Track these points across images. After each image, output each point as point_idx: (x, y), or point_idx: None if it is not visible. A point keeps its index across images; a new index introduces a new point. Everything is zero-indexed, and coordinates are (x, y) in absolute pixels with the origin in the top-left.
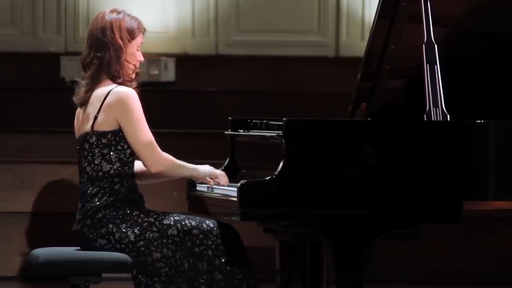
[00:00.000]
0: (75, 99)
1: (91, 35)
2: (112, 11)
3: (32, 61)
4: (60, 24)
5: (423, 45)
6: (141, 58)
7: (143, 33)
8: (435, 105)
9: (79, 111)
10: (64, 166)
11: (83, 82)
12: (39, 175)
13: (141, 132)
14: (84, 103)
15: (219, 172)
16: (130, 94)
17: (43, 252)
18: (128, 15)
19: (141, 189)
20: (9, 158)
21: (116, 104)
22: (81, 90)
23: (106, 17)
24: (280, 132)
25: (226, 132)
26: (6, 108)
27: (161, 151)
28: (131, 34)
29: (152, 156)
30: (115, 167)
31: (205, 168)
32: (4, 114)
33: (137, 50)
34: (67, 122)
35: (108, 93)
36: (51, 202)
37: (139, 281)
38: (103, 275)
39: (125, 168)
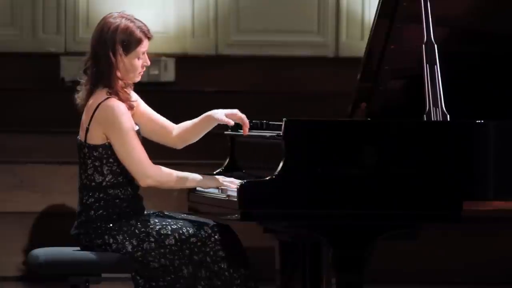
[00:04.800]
0: (77, 100)
1: (91, 40)
2: (115, 18)
3: (32, 61)
4: (60, 24)
5: (423, 45)
6: (147, 63)
7: (149, 39)
8: (435, 105)
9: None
10: (64, 166)
11: (83, 86)
12: (39, 175)
13: (128, 145)
14: (83, 107)
15: (228, 182)
16: (116, 108)
17: (43, 252)
18: (132, 22)
19: (142, 189)
20: (9, 158)
21: (103, 118)
22: (80, 93)
23: (106, 26)
24: (280, 132)
25: (226, 132)
26: (6, 108)
27: (151, 164)
28: (127, 48)
29: (140, 170)
30: (107, 179)
31: (212, 182)
32: (4, 114)
33: (139, 59)
34: (67, 122)
35: (98, 106)
36: (51, 202)
37: (138, 282)
38: (103, 275)
39: (119, 178)
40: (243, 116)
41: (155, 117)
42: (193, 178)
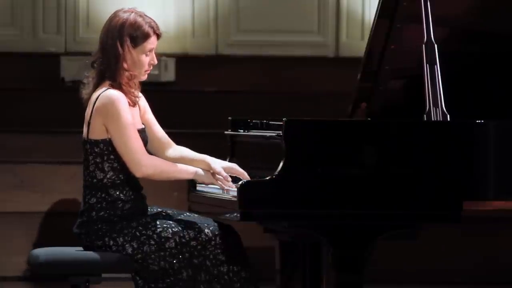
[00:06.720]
0: (83, 94)
1: (100, 35)
2: (126, 12)
3: (32, 61)
4: (60, 24)
5: (423, 45)
6: (154, 61)
7: (158, 38)
8: (435, 105)
9: None
10: (64, 166)
11: (89, 80)
12: (39, 175)
13: (125, 136)
14: (87, 101)
15: (222, 176)
16: (116, 99)
17: (43, 252)
18: (141, 17)
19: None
20: (9, 158)
21: (102, 107)
22: (86, 88)
23: (116, 18)
24: (280, 132)
25: (226, 132)
26: (6, 108)
27: (147, 154)
28: (135, 41)
29: (135, 159)
30: (108, 176)
31: (205, 176)
32: (4, 114)
33: (146, 55)
34: (67, 122)
35: (98, 97)
36: (51, 202)
37: (137, 283)
38: (103, 275)
39: (120, 176)
40: (242, 171)
41: (155, 129)
42: (188, 170)
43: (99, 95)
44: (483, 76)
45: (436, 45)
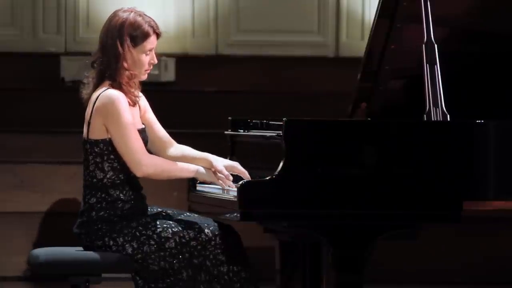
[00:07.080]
0: (83, 94)
1: (100, 35)
2: (125, 11)
3: (32, 61)
4: (60, 24)
5: (423, 45)
6: (154, 61)
7: (157, 37)
8: (435, 105)
9: None
10: (64, 166)
11: (89, 80)
12: (39, 175)
13: (125, 136)
14: (87, 101)
15: (224, 174)
16: (116, 98)
17: (43, 252)
18: (140, 16)
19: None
20: (9, 158)
21: (102, 107)
22: (86, 88)
23: (116, 18)
24: (280, 132)
25: (226, 132)
26: (6, 108)
27: (147, 154)
28: (135, 40)
29: (136, 158)
30: (108, 175)
31: (206, 175)
32: (4, 114)
33: (146, 55)
34: (67, 122)
35: (98, 97)
36: (51, 202)
37: (137, 283)
38: (103, 275)
39: (120, 175)
40: (243, 170)
41: (156, 128)
42: (189, 168)
43: (99, 95)
44: (483, 76)
45: (436, 45)
